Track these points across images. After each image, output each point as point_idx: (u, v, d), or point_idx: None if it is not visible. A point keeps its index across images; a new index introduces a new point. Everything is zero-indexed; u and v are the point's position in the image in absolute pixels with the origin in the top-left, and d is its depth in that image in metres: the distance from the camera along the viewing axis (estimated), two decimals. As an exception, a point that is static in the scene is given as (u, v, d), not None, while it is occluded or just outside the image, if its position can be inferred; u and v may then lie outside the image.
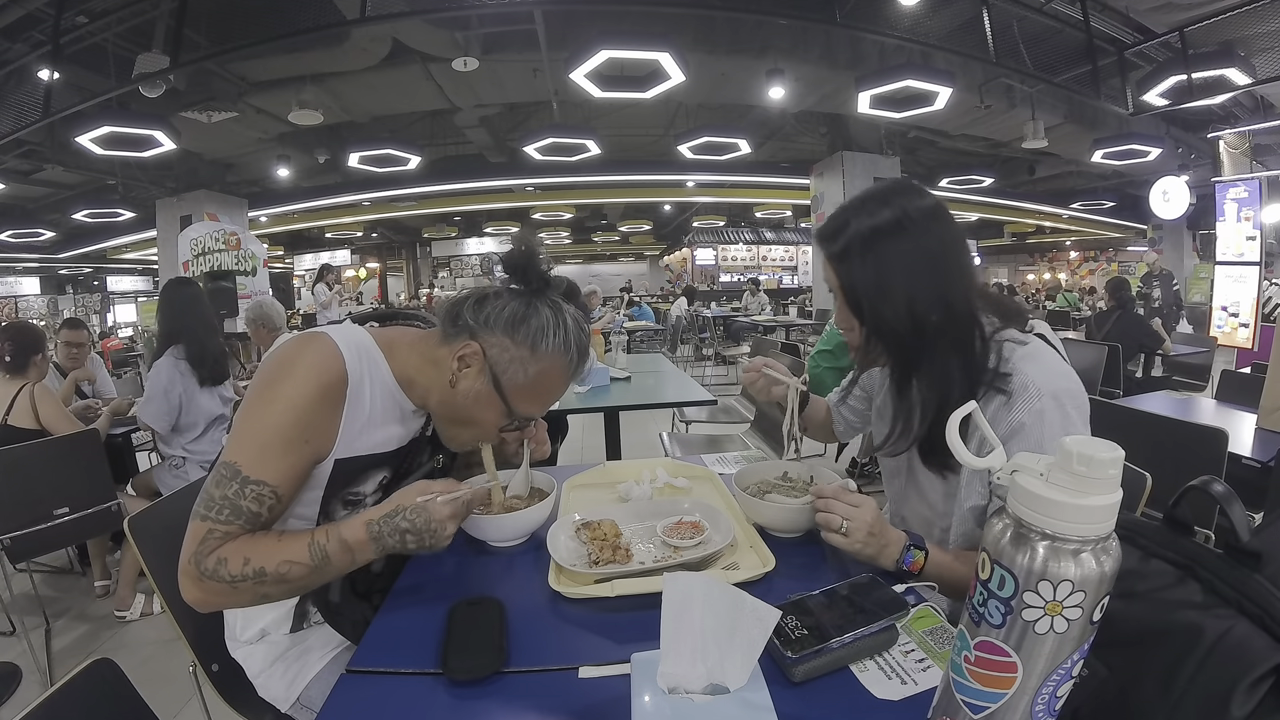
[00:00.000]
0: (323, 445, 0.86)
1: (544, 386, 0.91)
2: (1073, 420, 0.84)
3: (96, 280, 17.13)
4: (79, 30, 4.38)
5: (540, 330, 0.87)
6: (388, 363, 0.91)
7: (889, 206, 0.88)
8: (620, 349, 3.27)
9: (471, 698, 0.66)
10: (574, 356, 0.90)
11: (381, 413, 0.91)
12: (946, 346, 0.88)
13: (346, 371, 0.85)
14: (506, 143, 8.60)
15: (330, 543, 0.82)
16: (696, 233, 17.37)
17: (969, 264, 0.92)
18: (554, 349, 0.88)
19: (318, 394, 0.83)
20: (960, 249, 0.91)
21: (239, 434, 0.83)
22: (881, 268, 0.87)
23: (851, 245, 0.89)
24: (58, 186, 8.58)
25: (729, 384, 6.73)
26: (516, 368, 0.88)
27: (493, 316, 0.88)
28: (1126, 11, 5.00)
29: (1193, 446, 1.77)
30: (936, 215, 0.89)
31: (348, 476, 0.91)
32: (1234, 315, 6.68)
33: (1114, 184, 11.19)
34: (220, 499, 0.80)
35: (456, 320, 0.90)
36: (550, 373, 0.90)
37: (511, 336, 0.88)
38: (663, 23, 4.76)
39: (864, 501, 0.87)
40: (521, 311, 0.88)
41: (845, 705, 0.63)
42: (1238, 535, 0.52)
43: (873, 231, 0.88)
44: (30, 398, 2.32)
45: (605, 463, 1.37)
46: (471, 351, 0.88)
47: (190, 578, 0.79)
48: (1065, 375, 0.87)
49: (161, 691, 0.99)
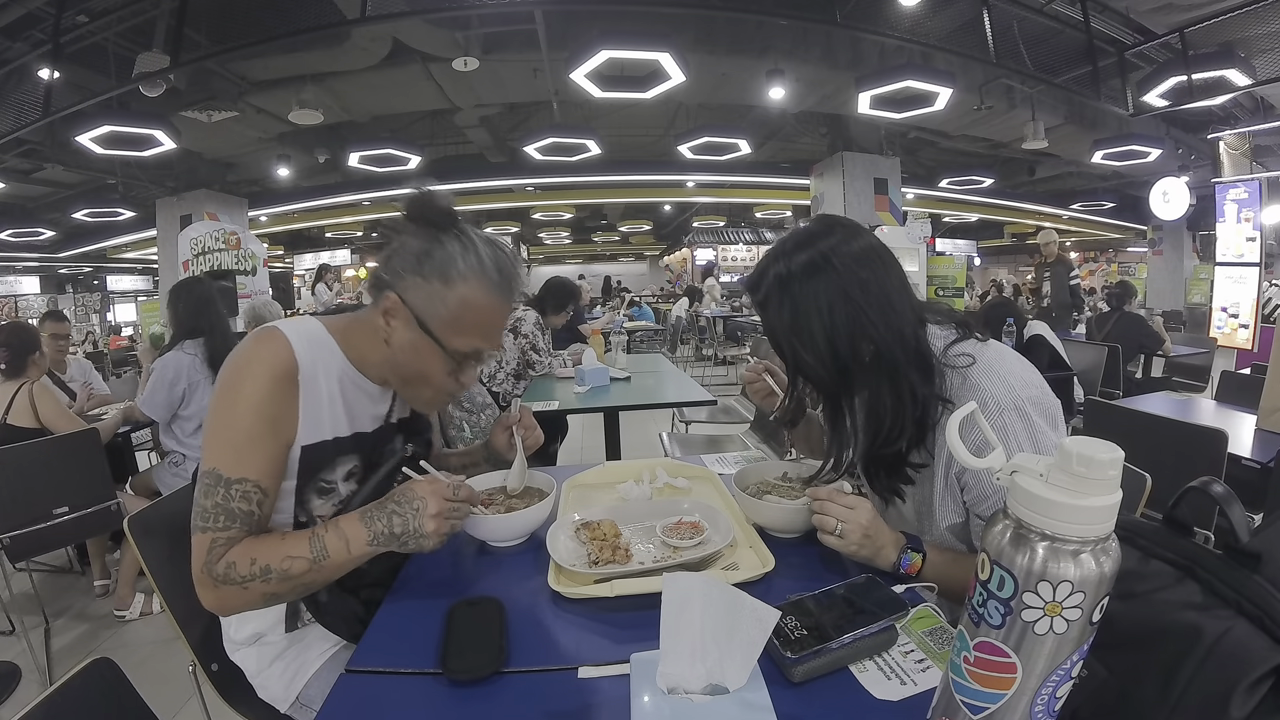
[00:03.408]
0: (289, 433, 0.88)
1: (471, 315, 0.88)
2: (1038, 427, 0.82)
3: (96, 280, 17.12)
4: (79, 29, 4.38)
5: (448, 259, 0.87)
6: (342, 347, 0.93)
7: (806, 249, 0.88)
8: (620, 349, 3.27)
9: (471, 698, 0.66)
10: (493, 275, 0.88)
11: (341, 397, 0.93)
12: (877, 381, 0.88)
13: (296, 360, 0.87)
14: (506, 143, 8.59)
15: (328, 534, 0.83)
16: (696, 233, 17.37)
17: (900, 299, 0.89)
18: (466, 273, 0.87)
19: (271, 385, 0.85)
20: (889, 284, 0.88)
21: (210, 441, 0.85)
22: (796, 310, 0.88)
23: (770, 291, 0.90)
24: (58, 186, 8.57)
25: (729, 384, 6.73)
26: (435, 304, 0.87)
27: (402, 264, 0.88)
28: (1127, 12, 5.00)
29: (1192, 447, 1.77)
30: (863, 255, 0.87)
31: (317, 463, 0.92)
32: (1234, 316, 6.69)
33: (1114, 185, 11.18)
34: (212, 507, 0.82)
35: (378, 282, 0.91)
36: (472, 298, 0.88)
37: (421, 275, 0.87)
38: (663, 23, 4.75)
39: (859, 503, 0.87)
40: (425, 248, 0.88)
41: (845, 706, 0.63)
42: (1237, 536, 0.52)
43: (788, 275, 0.88)
44: (29, 397, 2.33)
45: (605, 463, 1.37)
46: (392, 303, 0.88)
47: (205, 586, 0.82)
48: (1026, 384, 0.84)
49: (161, 691, 0.99)
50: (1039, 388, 0.86)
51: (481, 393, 2.48)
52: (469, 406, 2.37)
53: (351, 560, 0.84)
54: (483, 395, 2.48)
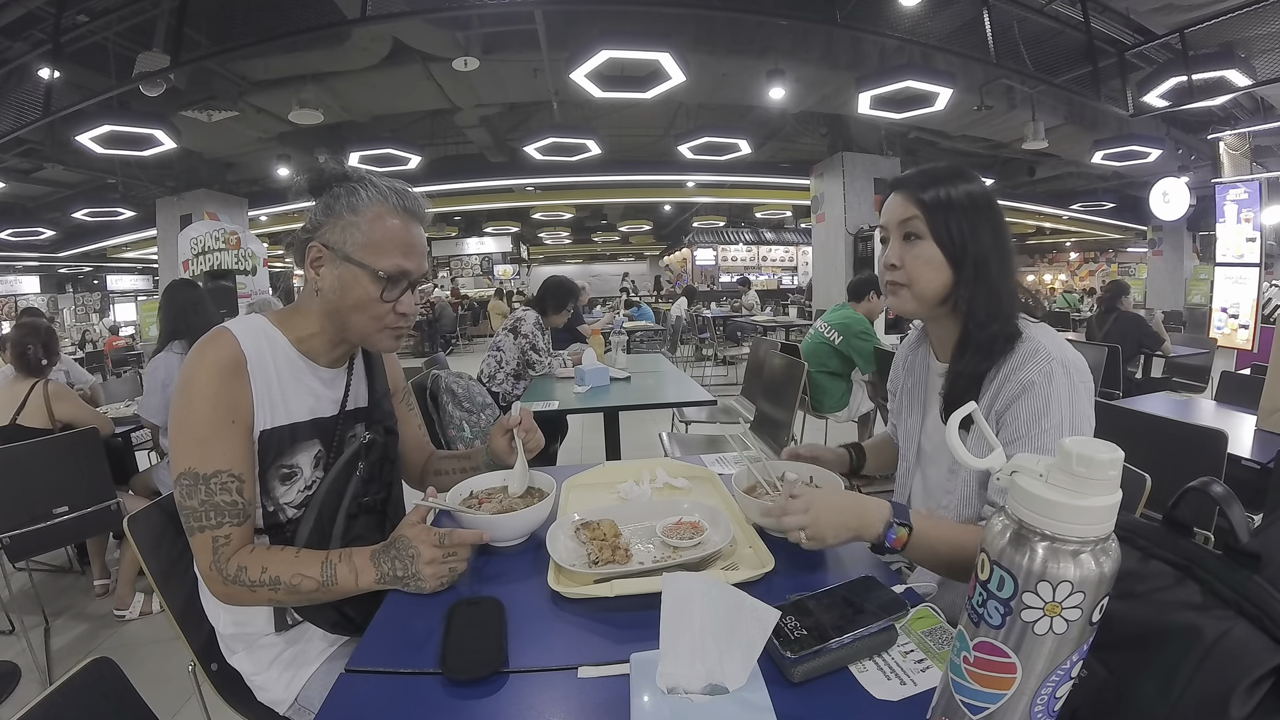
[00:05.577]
0: (246, 420, 0.91)
1: (383, 232, 0.94)
2: (1079, 393, 0.88)
3: (96, 279, 17.13)
4: (79, 29, 4.38)
5: (349, 195, 0.95)
6: (286, 335, 0.98)
7: (973, 182, 0.98)
8: (620, 349, 3.26)
9: (471, 697, 0.66)
10: (394, 199, 0.96)
11: (291, 382, 0.97)
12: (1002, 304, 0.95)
13: (243, 352, 0.91)
14: (507, 142, 8.60)
15: (340, 563, 0.88)
16: (696, 233, 17.38)
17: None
18: (371, 199, 0.95)
19: (220, 378, 0.89)
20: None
21: (177, 443, 0.88)
22: (975, 225, 0.95)
23: (954, 199, 0.95)
24: (58, 185, 8.57)
25: (729, 384, 6.73)
26: (351, 232, 0.94)
27: (314, 219, 0.97)
28: (1127, 13, 5.00)
29: (1192, 448, 1.77)
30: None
31: (277, 448, 0.95)
32: (1234, 317, 6.69)
33: (1114, 185, 11.19)
34: (199, 506, 0.86)
35: (299, 243, 0.98)
36: (381, 218, 0.95)
37: (332, 218, 0.95)
38: (663, 23, 4.76)
39: (807, 495, 0.86)
40: (329, 200, 0.96)
41: (844, 706, 0.63)
42: (1237, 536, 0.52)
43: (969, 194, 0.96)
44: (44, 396, 2.33)
45: (605, 463, 1.37)
46: (315, 251, 0.95)
47: (214, 581, 0.88)
48: (1075, 354, 0.91)
49: (161, 691, 0.99)
50: (1085, 363, 0.92)
51: (481, 393, 2.48)
52: (469, 406, 2.37)
53: (357, 590, 0.89)
54: (483, 395, 2.48)
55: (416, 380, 2.25)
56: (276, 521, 0.97)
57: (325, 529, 0.97)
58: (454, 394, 2.34)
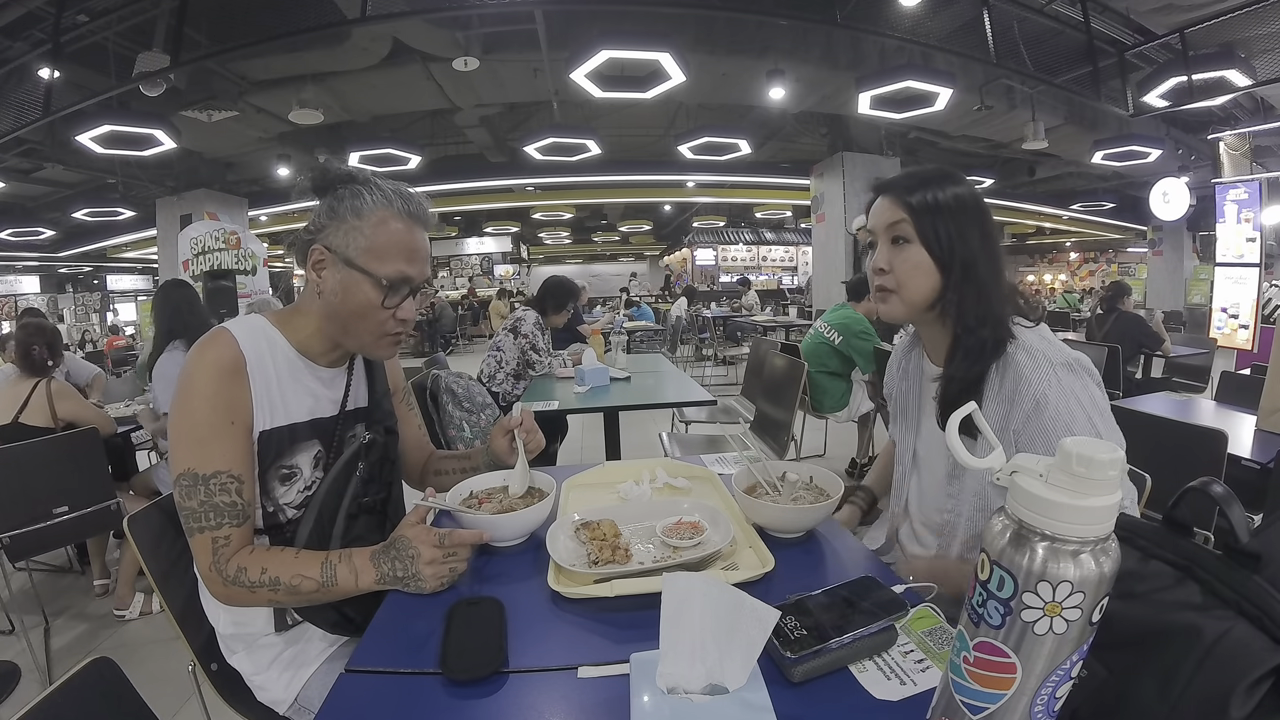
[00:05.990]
0: (246, 420, 0.91)
1: (387, 238, 0.93)
2: (1091, 386, 0.89)
3: (96, 279, 17.12)
4: (79, 29, 4.38)
5: (354, 198, 0.94)
6: (285, 336, 0.98)
7: (961, 184, 0.96)
8: (620, 349, 3.26)
9: (471, 698, 0.66)
10: (399, 204, 0.95)
11: (291, 382, 0.97)
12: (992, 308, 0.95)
13: (242, 353, 0.91)
14: (507, 142, 8.59)
15: (340, 564, 0.88)
16: (696, 233, 17.37)
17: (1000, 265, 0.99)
18: (376, 204, 0.94)
19: (219, 378, 0.89)
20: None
21: (176, 444, 0.88)
22: (963, 228, 0.94)
23: (942, 202, 0.94)
24: (58, 185, 8.57)
25: (729, 384, 6.73)
26: (355, 237, 0.93)
27: (318, 221, 0.96)
28: (1127, 13, 5.00)
29: (1192, 448, 1.77)
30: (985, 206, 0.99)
31: (276, 449, 0.95)
32: (1234, 317, 6.69)
33: (1114, 185, 11.18)
34: (198, 507, 0.86)
35: (302, 244, 0.97)
36: (385, 222, 0.94)
37: (336, 221, 0.94)
38: (663, 23, 4.76)
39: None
40: (333, 202, 0.95)
41: (844, 706, 0.63)
42: (1237, 536, 0.52)
43: (956, 196, 0.95)
44: (47, 394, 2.34)
45: (605, 463, 1.37)
46: (318, 254, 0.95)
47: (214, 581, 0.88)
48: (1073, 351, 0.92)
49: (161, 691, 0.99)
50: (1081, 355, 0.92)
51: (481, 393, 2.48)
52: (469, 406, 2.37)
53: (357, 591, 0.88)
54: (483, 395, 2.48)
55: (416, 380, 2.25)
56: (276, 522, 0.97)
57: (325, 529, 0.97)
58: (454, 394, 2.34)
